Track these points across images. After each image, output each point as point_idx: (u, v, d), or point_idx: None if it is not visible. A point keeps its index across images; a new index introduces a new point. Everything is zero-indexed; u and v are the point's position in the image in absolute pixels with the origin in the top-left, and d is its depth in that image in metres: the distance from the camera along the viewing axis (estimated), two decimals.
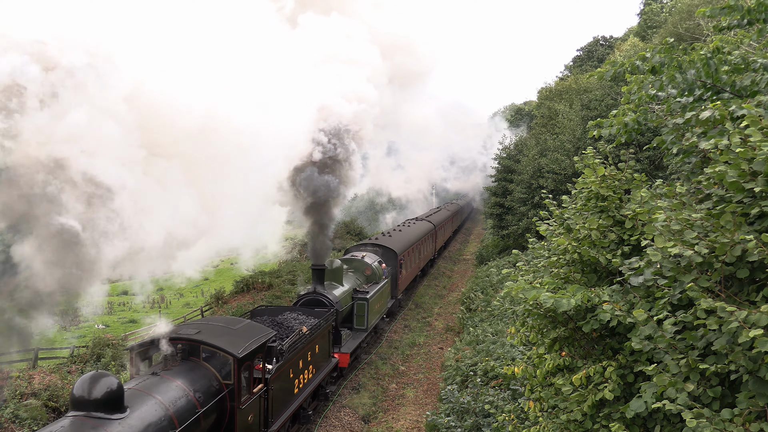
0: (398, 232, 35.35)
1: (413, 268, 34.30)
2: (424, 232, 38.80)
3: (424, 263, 38.91)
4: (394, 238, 32.06)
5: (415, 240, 34.65)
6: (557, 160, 30.20)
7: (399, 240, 31.90)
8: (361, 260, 24.78)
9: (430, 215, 50.41)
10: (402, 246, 30.75)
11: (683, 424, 4.62)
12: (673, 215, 5.01)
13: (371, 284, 23.91)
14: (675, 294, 5.01)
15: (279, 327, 16.00)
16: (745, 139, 4.75)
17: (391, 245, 29.08)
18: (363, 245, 29.15)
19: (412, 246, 33.28)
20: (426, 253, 39.52)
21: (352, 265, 24.21)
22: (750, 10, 6.04)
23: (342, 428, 17.22)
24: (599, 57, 59.38)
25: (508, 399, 13.69)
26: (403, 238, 32.97)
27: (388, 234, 34.15)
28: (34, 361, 22.90)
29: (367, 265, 24.64)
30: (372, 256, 26.07)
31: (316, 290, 19.30)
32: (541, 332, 6.76)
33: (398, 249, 29.32)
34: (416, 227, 38.78)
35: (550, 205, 7.86)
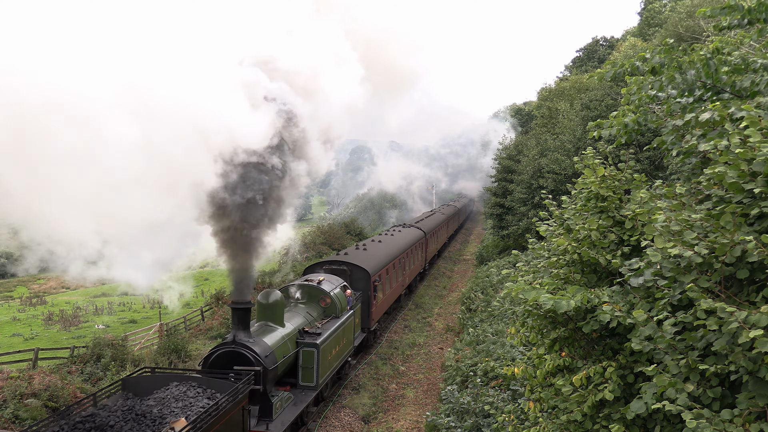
0: (377, 243, 29.82)
1: (394, 289, 28.55)
2: (411, 242, 33.76)
3: (410, 278, 33.55)
4: (369, 252, 26.60)
5: (397, 253, 29.39)
6: (557, 160, 30.21)
7: (375, 255, 26.24)
8: (316, 287, 18.98)
9: (421, 220, 44.63)
10: (378, 263, 25.28)
11: (683, 425, 4.62)
12: (673, 216, 5.01)
13: (329, 319, 18.32)
14: (675, 294, 5.01)
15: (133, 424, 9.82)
16: (745, 140, 4.75)
17: (362, 263, 23.47)
18: (327, 263, 23.22)
19: (393, 261, 28.00)
20: (413, 267, 34.37)
21: (303, 295, 18.83)
22: (750, 10, 6.04)
23: (342, 428, 17.22)
24: (599, 57, 59.41)
25: (508, 399, 13.69)
26: (380, 252, 27.49)
27: (362, 247, 27.91)
28: (34, 361, 22.91)
29: (323, 293, 18.93)
30: (334, 280, 20.43)
31: (236, 339, 13.70)
32: (541, 332, 6.75)
33: (372, 267, 23.83)
34: (401, 237, 33.45)
35: (549, 205, 7.86)
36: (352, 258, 24.04)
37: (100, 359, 21.75)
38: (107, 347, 23.14)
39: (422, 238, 37.40)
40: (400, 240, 32.44)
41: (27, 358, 23.79)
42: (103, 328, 36.10)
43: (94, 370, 21.08)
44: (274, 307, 15.63)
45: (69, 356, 23.36)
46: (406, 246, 31.98)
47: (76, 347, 24.30)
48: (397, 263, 28.74)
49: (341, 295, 19.64)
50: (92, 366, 21.33)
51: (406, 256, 31.69)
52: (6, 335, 35.93)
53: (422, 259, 38.23)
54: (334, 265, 22.90)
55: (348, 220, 66.32)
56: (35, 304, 49.90)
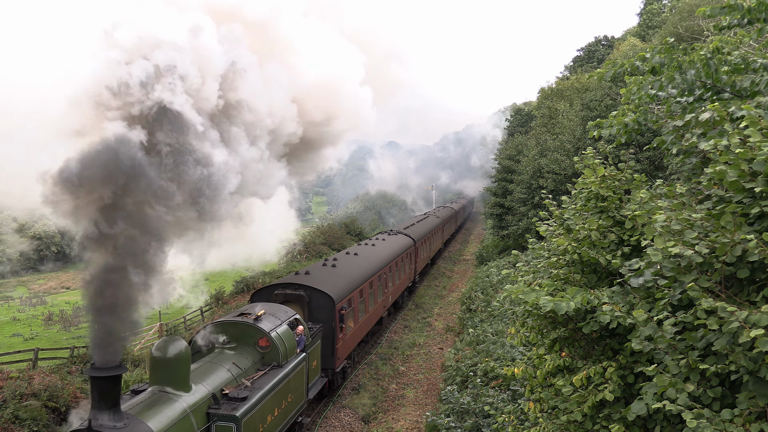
0: (351, 257, 24.59)
1: (371, 314, 23.23)
2: (396, 253, 29.26)
3: (395, 296, 28.75)
4: (339, 270, 21.23)
5: (377, 268, 24.40)
6: (557, 160, 30.22)
7: (346, 273, 21.20)
8: (250, 325, 13.85)
9: (411, 225, 40.00)
10: (349, 284, 20.24)
11: (683, 425, 4.61)
12: (674, 215, 5.00)
13: (266, 371, 13.34)
14: (675, 294, 5.01)
15: None
16: (745, 139, 4.75)
17: (325, 286, 18.38)
18: (281, 287, 18.11)
19: (371, 279, 23.01)
20: (399, 282, 29.59)
21: (233, 338, 13.82)
22: (750, 9, 6.03)
23: (342, 428, 17.21)
24: (599, 57, 59.42)
25: (508, 400, 13.69)
26: (354, 268, 22.34)
27: (332, 262, 22.46)
28: (34, 361, 22.90)
29: (259, 334, 13.83)
30: (280, 313, 15.34)
31: (92, 428, 9.02)
32: (541, 333, 6.75)
33: (339, 291, 18.89)
34: (384, 247, 28.97)
35: (549, 205, 7.86)
36: (313, 279, 18.94)
37: None
38: None
39: (411, 247, 33.27)
40: (383, 251, 27.89)
41: (27, 359, 23.79)
42: None
43: None
44: (175, 365, 10.73)
45: (69, 356, 23.35)
46: (389, 258, 27.39)
47: (76, 347, 24.29)
48: (376, 281, 23.98)
49: (288, 334, 14.51)
50: None
51: (390, 270, 27.11)
52: (6, 335, 35.93)
53: (411, 271, 33.59)
54: (289, 289, 18.01)
55: (348, 220, 66.33)
56: (35, 304, 49.91)
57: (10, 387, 18.22)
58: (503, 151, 47.47)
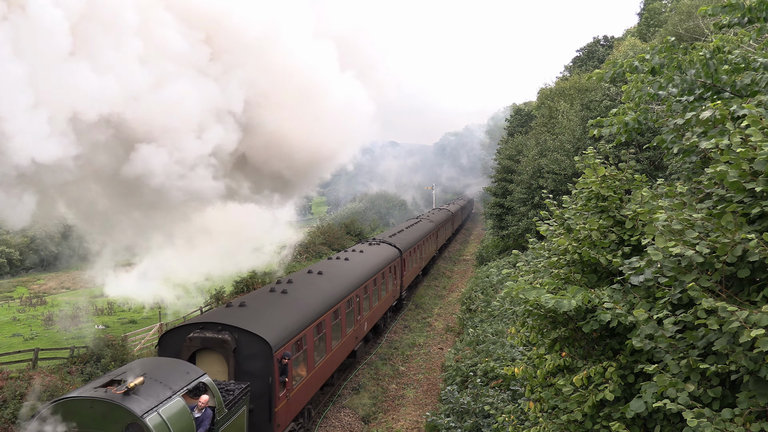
0: (314, 277, 19.34)
1: (335, 353, 18.01)
2: (375, 269, 24.11)
3: (374, 321, 23.96)
4: (288, 298, 16.11)
5: (344, 292, 19.29)
6: (557, 160, 30.22)
7: (295, 304, 15.86)
8: (115, 404, 8.85)
9: (399, 233, 35.06)
10: (296, 320, 14.89)
11: (684, 424, 4.61)
12: (674, 215, 4.99)
13: None
14: (675, 294, 5.00)
15: None
16: (746, 139, 4.74)
17: (260, 327, 13.26)
18: (199, 329, 12.95)
19: (334, 307, 17.86)
20: (379, 303, 24.67)
21: (81, 425, 8.86)
22: (750, 8, 6.03)
23: (342, 428, 17.21)
24: (599, 57, 59.40)
25: (508, 400, 13.69)
26: (309, 295, 17.08)
27: (283, 286, 17.06)
28: (34, 361, 22.91)
29: (129, 417, 8.78)
30: (173, 377, 10.27)
31: None
32: (542, 332, 6.74)
33: (280, 333, 13.61)
34: (358, 261, 23.91)
35: (550, 205, 7.85)
36: (246, 316, 13.76)
37: (100, 359, 21.75)
38: (107, 347, 23.13)
39: (396, 259, 28.64)
40: (358, 266, 22.91)
41: (27, 359, 23.79)
42: (103, 328, 36.10)
43: (94, 370, 21.09)
44: None
45: (69, 356, 23.36)
46: (366, 275, 22.56)
47: (76, 347, 24.30)
48: (344, 307, 19.02)
49: (181, 413, 9.54)
50: (92, 366, 21.33)
51: (366, 290, 22.11)
52: (6, 335, 35.93)
53: (396, 287, 28.44)
54: (209, 331, 12.77)
55: (348, 220, 66.33)
56: (35, 305, 49.90)
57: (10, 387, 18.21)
58: (503, 151, 47.46)
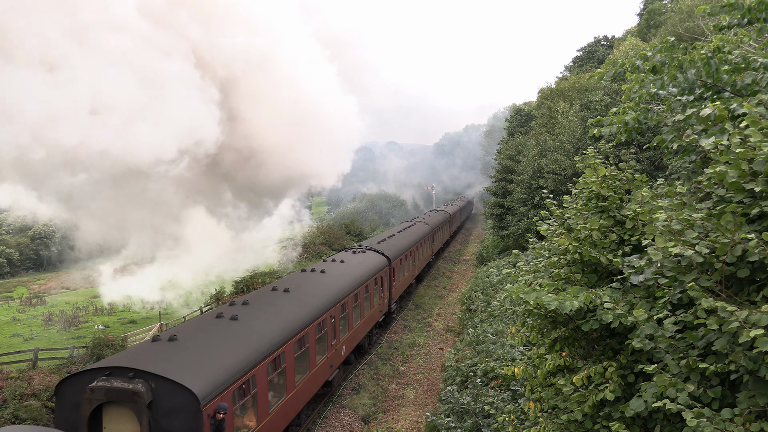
0: (278, 296, 16.24)
1: (300, 390, 14.76)
2: (357, 281, 20.95)
3: (355, 342, 20.76)
4: (236, 327, 12.98)
5: (315, 313, 16.08)
6: (557, 160, 30.23)
7: (246, 334, 12.78)
8: None
9: (390, 237, 31.16)
10: (243, 358, 11.76)
11: (683, 424, 4.61)
12: (674, 215, 5.00)
13: None
14: (675, 294, 5.01)
15: None
16: (745, 139, 4.74)
17: (185, 373, 10.32)
18: (103, 375, 10.09)
19: (299, 334, 14.60)
20: (362, 321, 21.57)
21: None
22: (750, 8, 6.03)
23: (342, 428, 17.21)
24: (599, 57, 59.41)
25: (508, 399, 13.69)
26: (266, 321, 13.95)
27: (236, 309, 14.21)
28: (34, 361, 22.91)
29: None
30: None
31: None
32: (542, 332, 6.74)
33: (215, 379, 10.58)
34: (338, 274, 20.56)
35: (550, 205, 7.86)
36: (170, 357, 10.69)
37: (99, 359, 21.76)
38: (107, 347, 23.13)
39: (384, 268, 25.51)
40: (337, 279, 19.85)
41: (27, 359, 23.80)
42: (103, 328, 36.12)
43: None
44: None
45: (69, 356, 23.37)
46: (346, 290, 19.52)
47: (75, 348, 24.31)
48: (313, 332, 15.85)
49: None
50: None
51: (344, 308, 19.26)
52: (6, 335, 35.93)
53: (383, 301, 25.51)
54: (118, 379, 9.87)
55: (348, 220, 66.36)
56: (35, 305, 49.90)
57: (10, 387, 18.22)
58: (503, 151, 47.47)
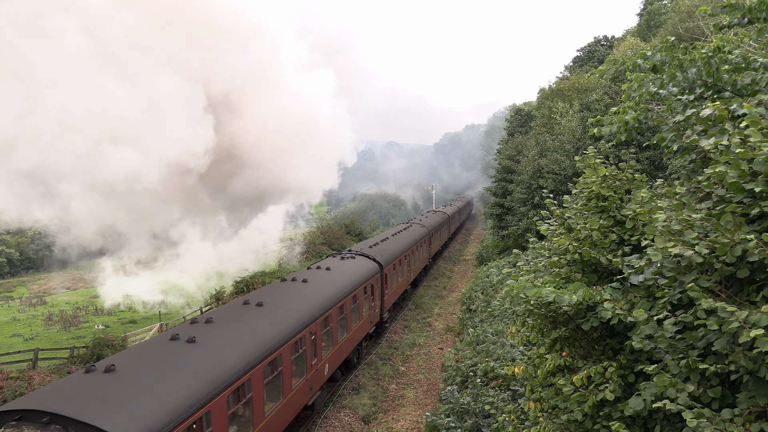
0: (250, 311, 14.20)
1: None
2: (343, 292, 18.69)
3: (338, 361, 18.39)
4: (190, 355, 10.80)
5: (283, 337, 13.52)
6: (557, 160, 30.25)
7: (198, 361, 10.64)
8: None
9: (384, 241, 29.53)
10: (183, 401, 9.35)
11: (683, 424, 4.61)
12: (674, 215, 5.00)
13: None
14: (675, 294, 5.01)
15: None
16: (745, 139, 4.75)
17: (113, 418, 8.06)
18: (13, 419, 8.02)
19: (264, 361, 12.34)
20: (347, 337, 19.29)
21: None
22: (750, 8, 6.04)
23: (342, 429, 17.21)
24: (599, 57, 59.42)
25: (508, 399, 13.70)
26: (218, 354, 11.27)
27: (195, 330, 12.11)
28: (34, 361, 22.91)
29: None
30: None
31: None
32: (542, 332, 6.75)
33: (143, 428, 8.19)
34: (323, 282, 18.41)
35: (551, 204, 7.86)
36: (99, 394, 8.80)
37: (99, 359, 21.77)
38: (107, 347, 23.14)
39: (376, 275, 23.58)
40: (320, 289, 17.61)
41: (27, 359, 23.81)
42: (103, 328, 36.12)
43: None
44: None
45: (69, 356, 23.38)
46: (330, 300, 17.33)
47: (76, 347, 24.32)
48: (288, 353, 13.69)
49: None
50: None
51: (327, 323, 16.87)
52: (6, 335, 35.94)
53: (374, 310, 23.62)
54: (28, 425, 8.11)
55: (348, 220, 66.37)
56: (35, 305, 49.90)
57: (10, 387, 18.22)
58: (503, 151, 47.50)
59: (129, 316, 41.56)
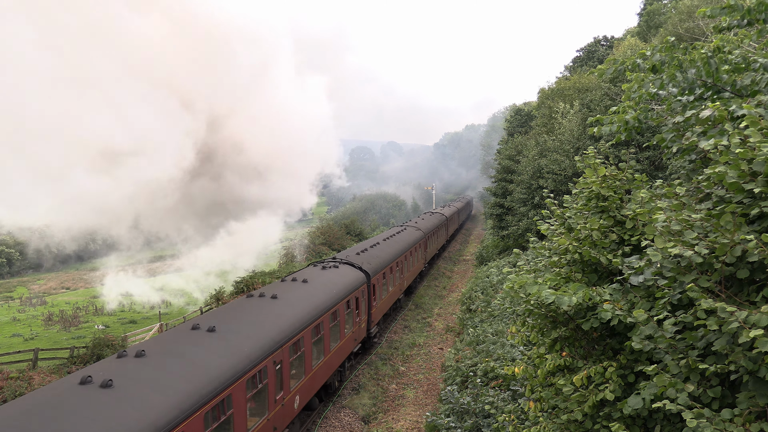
0: (200, 337, 11.77)
1: None
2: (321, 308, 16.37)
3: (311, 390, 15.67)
4: (106, 399, 8.25)
5: (238, 370, 11.04)
6: (557, 160, 30.25)
7: (101, 425, 7.51)
8: None
9: (373, 246, 27.48)
10: None
11: (683, 424, 4.61)
12: (673, 215, 5.00)
13: None
14: (675, 294, 5.01)
15: None
16: (745, 139, 4.75)
17: None
18: None
19: (200, 412, 9.40)
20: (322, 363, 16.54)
21: None
22: (750, 10, 6.04)
23: (342, 429, 17.22)
24: (599, 57, 59.42)
25: (508, 399, 13.70)
26: (147, 396, 8.80)
27: (96, 375, 9.05)
28: (34, 361, 22.92)
29: None
30: None
31: None
32: (542, 332, 6.75)
33: None
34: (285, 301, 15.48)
35: (551, 204, 7.87)
36: None
37: (99, 359, 21.79)
38: (107, 347, 23.15)
39: (362, 286, 21.32)
40: (293, 306, 15.26)
41: (27, 359, 23.82)
42: (103, 328, 36.13)
43: None
44: None
45: (69, 356, 23.38)
46: (305, 319, 15.00)
47: (75, 347, 24.32)
48: (242, 390, 11.25)
49: None
50: None
51: (296, 348, 14.38)
52: (6, 335, 35.94)
53: (359, 326, 20.98)
54: None
55: (348, 221, 66.39)
56: (35, 305, 49.91)
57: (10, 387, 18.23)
58: (503, 152, 47.52)
59: (129, 316, 41.57)
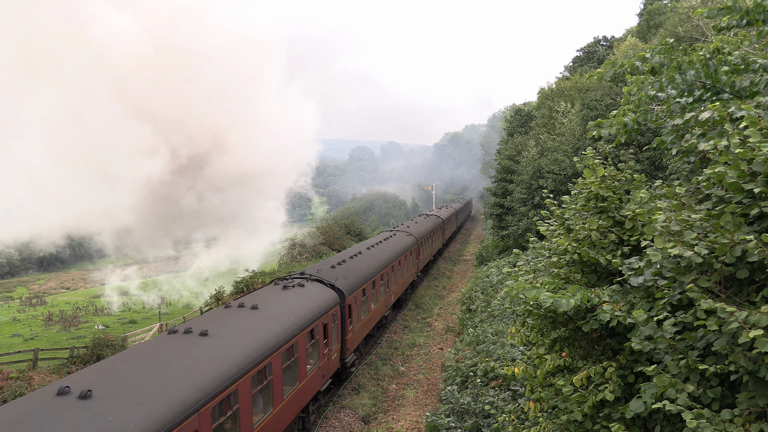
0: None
1: None
2: (272, 344, 12.69)
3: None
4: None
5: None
6: (557, 160, 30.26)
7: None
8: None
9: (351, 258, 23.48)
10: None
11: (683, 425, 4.62)
12: (673, 216, 5.01)
13: None
14: (675, 294, 5.01)
15: None
16: (745, 140, 4.76)
17: None
18: None
19: None
20: (275, 416, 12.81)
21: None
22: (748, 11, 6.05)
23: (342, 429, 17.23)
24: (599, 57, 59.41)
25: (508, 399, 13.71)
26: None
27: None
28: (34, 361, 22.92)
29: None
30: None
31: None
32: (542, 332, 6.76)
33: None
34: (233, 335, 11.97)
35: (550, 204, 7.87)
36: None
37: (99, 359, 21.78)
38: (107, 347, 23.15)
39: (334, 307, 18.07)
40: (227, 349, 11.40)
41: (27, 359, 23.82)
42: (103, 328, 36.13)
43: None
44: None
45: (69, 356, 23.38)
46: (241, 366, 11.21)
47: (75, 348, 24.32)
48: None
49: None
50: None
51: (231, 403, 10.74)
52: (6, 335, 35.93)
53: (329, 355, 17.64)
54: None
55: (348, 221, 66.40)
56: (35, 305, 49.90)
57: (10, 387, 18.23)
58: (503, 152, 47.52)
59: (129, 316, 41.57)
